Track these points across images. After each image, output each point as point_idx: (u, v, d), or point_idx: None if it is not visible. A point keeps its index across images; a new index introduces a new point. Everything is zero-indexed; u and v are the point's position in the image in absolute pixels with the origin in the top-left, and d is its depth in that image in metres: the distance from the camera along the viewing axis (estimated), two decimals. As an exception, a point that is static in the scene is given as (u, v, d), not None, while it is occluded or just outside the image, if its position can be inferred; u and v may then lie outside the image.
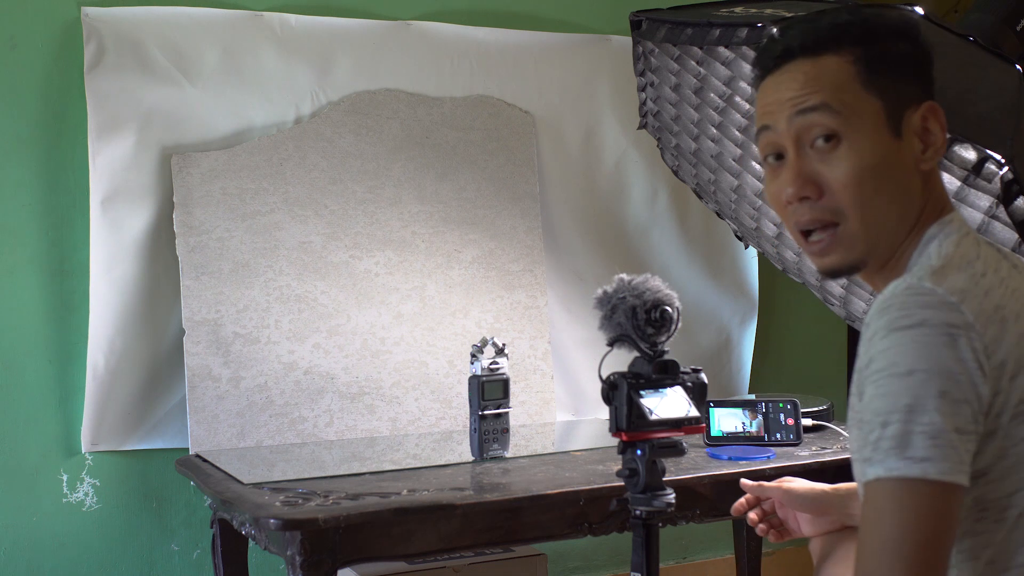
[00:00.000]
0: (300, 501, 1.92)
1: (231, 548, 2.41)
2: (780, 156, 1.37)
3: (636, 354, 1.61)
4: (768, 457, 2.26)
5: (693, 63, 2.33)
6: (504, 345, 2.28)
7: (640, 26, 2.38)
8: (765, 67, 1.38)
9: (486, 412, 2.26)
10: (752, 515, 1.78)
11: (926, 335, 1.17)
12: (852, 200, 1.30)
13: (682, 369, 1.63)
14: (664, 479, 1.61)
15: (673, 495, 1.61)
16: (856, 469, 1.28)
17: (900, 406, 1.17)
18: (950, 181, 1.98)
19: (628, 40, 2.70)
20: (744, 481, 1.80)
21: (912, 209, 1.32)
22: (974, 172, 1.77)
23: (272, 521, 1.83)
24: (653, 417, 1.56)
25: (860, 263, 1.34)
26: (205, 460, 2.34)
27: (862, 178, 1.30)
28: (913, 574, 1.14)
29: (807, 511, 1.72)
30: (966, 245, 1.30)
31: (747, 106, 2.26)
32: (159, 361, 2.53)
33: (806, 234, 1.35)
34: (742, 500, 1.80)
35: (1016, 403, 1.21)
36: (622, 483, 1.61)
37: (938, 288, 1.20)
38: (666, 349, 1.61)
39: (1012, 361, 1.21)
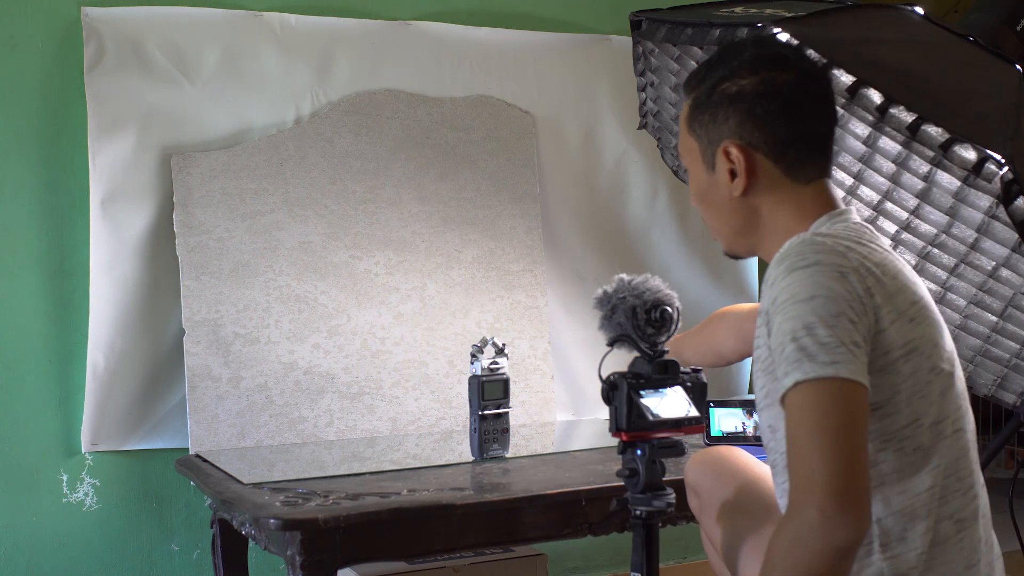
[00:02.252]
0: (300, 501, 1.92)
1: (231, 548, 2.41)
2: None
3: (636, 354, 1.61)
4: (765, 458, 2.25)
5: (693, 63, 2.33)
6: (504, 345, 2.28)
7: (640, 26, 2.38)
8: None
9: (486, 412, 2.26)
10: None
11: (821, 271, 1.39)
12: (702, 214, 1.63)
13: (682, 369, 1.63)
14: (664, 479, 1.61)
15: (673, 495, 1.61)
16: (767, 413, 1.51)
17: (806, 323, 1.36)
18: (950, 181, 1.99)
19: (628, 40, 2.70)
20: None
21: (743, 223, 1.57)
22: (974, 172, 1.77)
23: (272, 521, 1.83)
24: (653, 417, 1.56)
25: (731, 253, 1.64)
26: (205, 460, 2.34)
27: (697, 201, 1.62)
28: (835, 457, 1.31)
29: None
30: (856, 228, 1.50)
31: (747, 106, 2.25)
32: (159, 361, 2.53)
33: None
34: None
35: (901, 345, 1.42)
36: (622, 483, 1.61)
37: (827, 240, 1.43)
38: (666, 349, 1.61)
39: (889, 308, 1.41)
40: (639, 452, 1.58)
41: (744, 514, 1.69)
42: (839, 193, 1.62)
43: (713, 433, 2.38)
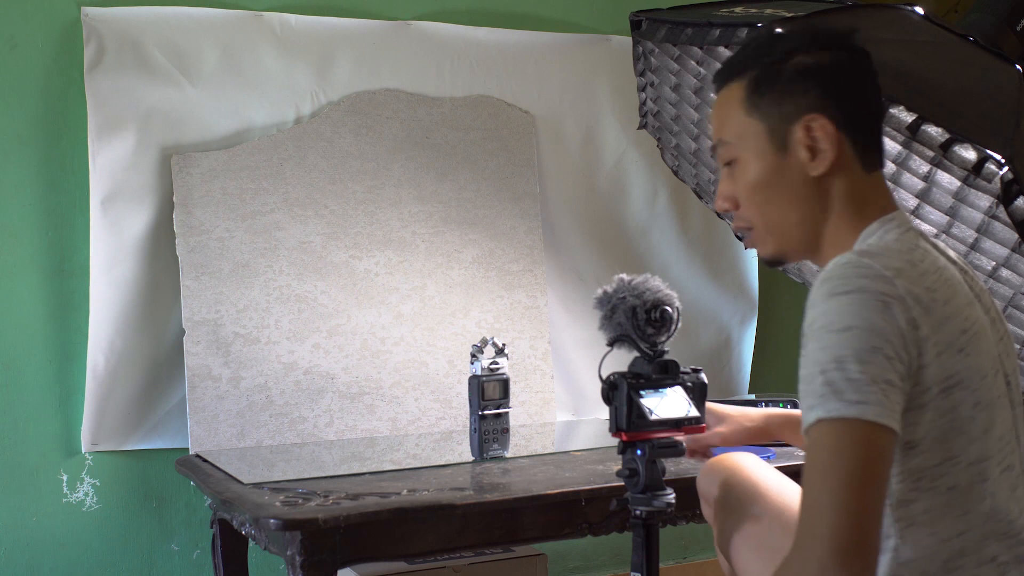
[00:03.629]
0: (300, 501, 1.92)
1: (231, 548, 2.41)
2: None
3: (636, 354, 1.61)
4: (768, 457, 2.26)
5: (693, 63, 2.33)
6: (504, 345, 2.28)
7: (640, 26, 2.38)
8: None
9: (486, 412, 2.26)
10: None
11: (862, 299, 1.30)
12: (752, 210, 1.51)
13: (682, 369, 1.63)
14: (664, 479, 1.61)
15: (673, 495, 1.61)
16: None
17: (838, 356, 1.28)
18: (950, 181, 1.99)
19: (628, 40, 2.70)
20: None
21: (809, 211, 1.47)
22: (974, 172, 1.77)
23: (272, 521, 1.83)
24: (653, 417, 1.56)
25: (780, 256, 1.53)
26: (205, 460, 2.34)
27: (754, 192, 1.49)
28: (845, 508, 1.24)
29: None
30: (908, 238, 1.42)
31: (747, 106, 2.25)
32: (159, 361, 2.53)
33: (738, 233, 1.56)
34: None
35: (943, 379, 1.33)
36: (622, 483, 1.61)
37: (874, 263, 1.34)
38: (666, 349, 1.61)
39: (936, 340, 1.33)
40: (639, 452, 1.58)
41: (751, 521, 1.69)
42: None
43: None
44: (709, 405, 1.91)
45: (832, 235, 1.47)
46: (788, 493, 1.72)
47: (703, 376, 1.68)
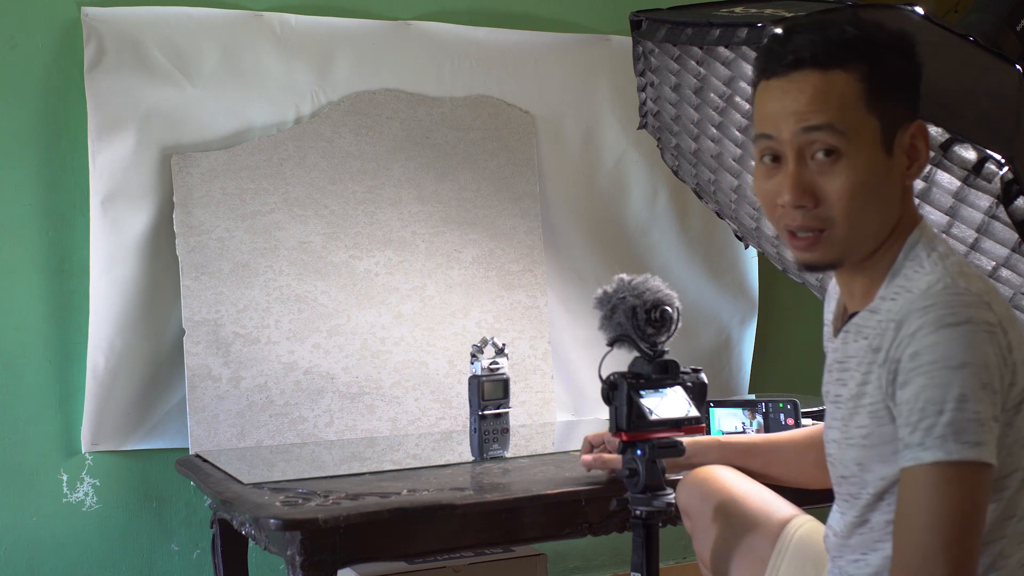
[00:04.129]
0: (300, 501, 1.92)
1: (231, 548, 2.41)
2: (777, 158, 1.44)
3: (636, 354, 1.61)
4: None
5: (693, 63, 2.33)
6: (504, 345, 2.28)
7: (640, 26, 2.38)
8: (771, 71, 1.43)
9: (486, 412, 2.26)
10: (586, 458, 1.98)
11: (973, 331, 1.29)
12: (844, 211, 1.40)
13: (682, 369, 1.63)
14: (664, 479, 1.61)
15: (673, 495, 1.61)
16: (862, 452, 1.41)
17: (958, 396, 1.28)
18: (950, 181, 1.99)
19: (628, 40, 2.70)
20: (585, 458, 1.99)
21: (891, 218, 1.43)
22: (974, 172, 1.77)
23: (272, 521, 1.83)
24: (653, 417, 1.57)
25: (838, 262, 1.45)
26: (205, 460, 2.34)
27: (855, 192, 1.39)
28: (958, 554, 1.26)
29: None
30: (953, 254, 1.41)
31: (747, 106, 2.26)
32: (159, 361, 2.53)
33: (792, 232, 1.44)
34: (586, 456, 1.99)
35: (1018, 394, 1.34)
36: (622, 483, 1.61)
37: (972, 288, 1.33)
38: (666, 349, 1.61)
39: (1020, 360, 1.34)
40: (639, 452, 1.58)
41: (730, 529, 1.70)
42: None
43: (713, 433, 2.37)
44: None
45: (887, 244, 1.44)
46: (767, 499, 1.73)
47: (703, 376, 1.68)
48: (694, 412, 1.60)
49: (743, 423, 2.40)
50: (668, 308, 1.60)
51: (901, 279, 1.41)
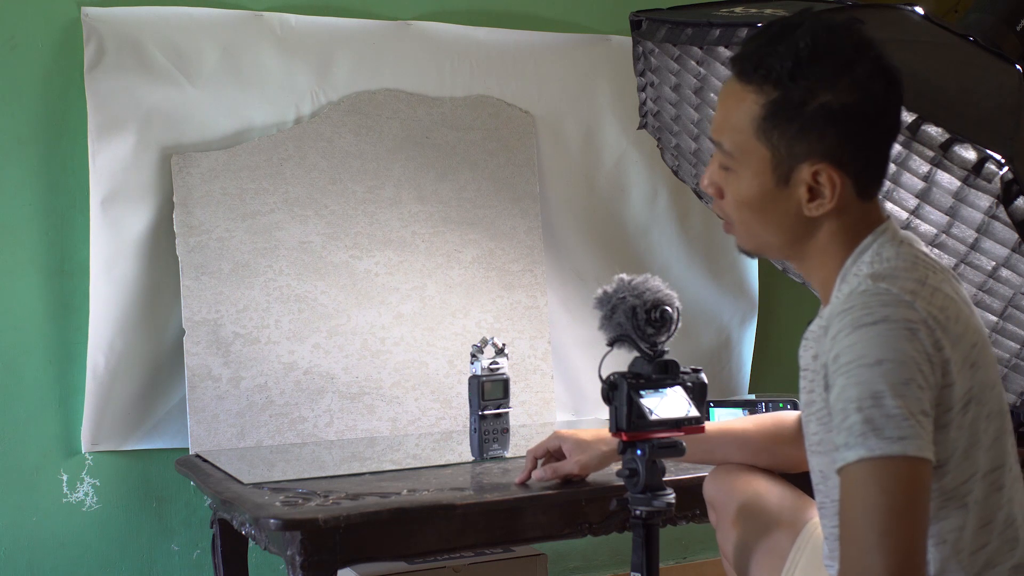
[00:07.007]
0: (300, 501, 1.92)
1: (231, 548, 2.41)
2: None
3: (636, 354, 1.61)
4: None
5: (693, 63, 2.33)
6: (504, 345, 2.28)
7: (640, 26, 2.38)
8: (730, 68, 1.48)
9: (486, 412, 2.26)
10: (537, 473, 1.98)
11: (890, 329, 1.29)
12: (736, 217, 1.48)
13: (682, 369, 1.63)
14: (664, 479, 1.61)
15: (673, 495, 1.61)
16: (819, 459, 1.45)
17: (874, 392, 1.27)
18: (950, 181, 1.99)
19: (628, 40, 2.70)
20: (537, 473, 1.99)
21: (795, 238, 1.45)
22: (974, 172, 1.77)
23: (272, 521, 1.83)
24: (653, 417, 1.56)
25: (753, 254, 1.56)
26: (205, 460, 2.34)
27: (741, 206, 1.46)
28: (894, 546, 1.24)
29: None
30: (905, 252, 1.41)
31: (747, 106, 2.25)
32: (159, 361, 2.53)
33: None
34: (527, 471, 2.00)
35: (962, 396, 1.34)
36: (622, 483, 1.61)
37: (892, 288, 1.33)
38: (666, 349, 1.61)
39: (955, 359, 1.33)
40: (639, 452, 1.58)
41: (752, 524, 1.70)
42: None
43: (713, 433, 2.37)
44: (564, 433, 1.99)
45: (819, 252, 1.46)
46: (792, 497, 1.73)
47: (703, 376, 1.68)
48: (694, 412, 1.60)
49: (743, 423, 2.39)
50: (668, 308, 1.60)
51: (845, 286, 1.42)
